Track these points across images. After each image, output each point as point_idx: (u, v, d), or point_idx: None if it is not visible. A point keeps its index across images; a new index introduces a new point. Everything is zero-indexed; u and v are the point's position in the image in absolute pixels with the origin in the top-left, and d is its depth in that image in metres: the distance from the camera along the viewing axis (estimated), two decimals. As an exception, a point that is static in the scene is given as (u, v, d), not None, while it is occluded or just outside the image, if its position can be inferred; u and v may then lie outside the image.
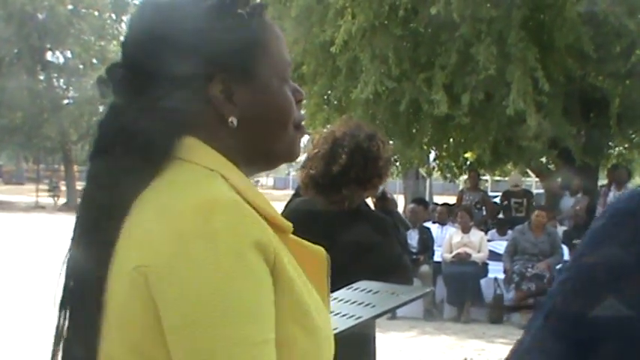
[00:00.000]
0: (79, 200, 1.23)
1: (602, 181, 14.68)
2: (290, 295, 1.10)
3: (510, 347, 1.42)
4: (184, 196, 1.10)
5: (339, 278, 1.53)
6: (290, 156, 1.26)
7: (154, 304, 1.06)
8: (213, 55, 1.17)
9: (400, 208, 18.33)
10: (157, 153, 1.15)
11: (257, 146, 1.21)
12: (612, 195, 12.32)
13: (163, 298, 1.05)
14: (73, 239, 1.19)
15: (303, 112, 1.32)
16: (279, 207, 3.49)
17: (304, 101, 10.81)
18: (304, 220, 3.17)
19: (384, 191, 3.51)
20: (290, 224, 1.18)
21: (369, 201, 3.47)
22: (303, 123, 1.27)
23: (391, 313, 9.43)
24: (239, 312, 1.03)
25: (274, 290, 1.08)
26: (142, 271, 1.07)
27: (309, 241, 1.24)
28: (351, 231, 3.13)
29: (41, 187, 36.53)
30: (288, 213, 3.33)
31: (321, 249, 1.23)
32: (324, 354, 1.15)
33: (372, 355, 3.19)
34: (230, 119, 1.18)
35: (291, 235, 1.20)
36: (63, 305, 1.17)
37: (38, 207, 33.62)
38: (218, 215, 1.06)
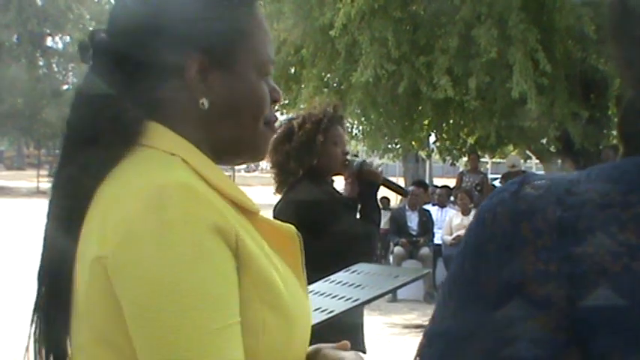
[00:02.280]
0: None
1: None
2: (257, 276, 1.09)
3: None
4: (137, 183, 1.08)
5: None
6: (256, 152, 1.25)
7: (114, 294, 1.05)
8: (192, 36, 1.17)
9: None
10: (120, 140, 1.13)
11: (224, 134, 1.20)
12: None
13: (121, 289, 1.04)
14: (48, 227, 1.20)
15: (281, 111, 1.32)
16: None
17: (303, 85, 10.72)
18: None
19: (362, 163, 3.38)
20: (257, 206, 1.17)
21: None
22: (274, 123, 1.26)
23: (391, 295, 9.46)
24: (196, 299, 1.02)
25: (239, 272, 1.07)
26: (101, 262, 1.06)
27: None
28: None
29: (42, 172, 36.48)
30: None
31: (292, 227, 1.22)
32: (296, 333, 1.14)
33: (361, 343, 3.18)
34: (201, 100, 1.17)
35: (261, 216, 1.19)
36: (39, 295, 1.18)
37: (39, 192, 33.59)
38: (170, 201, 1.04)
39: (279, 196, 3.37)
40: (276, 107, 1.29)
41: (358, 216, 3.31)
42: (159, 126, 1.16)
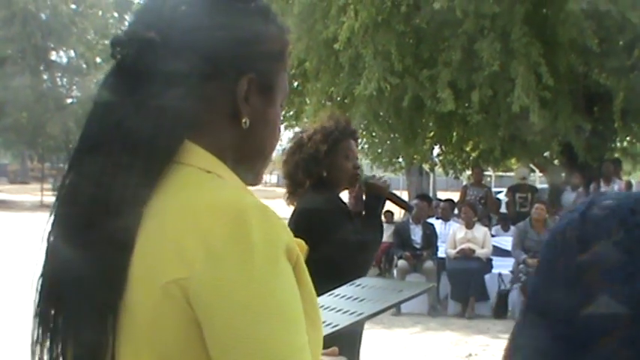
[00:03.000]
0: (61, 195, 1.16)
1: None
2: (306, 292, 1.11)
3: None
4: (207, 202, 1.07)
5: None
6: (257, 177, 1.28)
7: (192, 317, 1.04)
8: (249, 57, 1.19)
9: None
10: (161, 155, 1.12)
11: (245, 154, 1.22)
12: (602, 191, 12.34)
13: (207, 310, 1.03)
14: (55, 236, 1.15)
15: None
16: (284, 203, 3.52)
17: (307, 98, 10.81)
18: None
19: (367, 177, 3.40)
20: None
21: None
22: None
23: (395, 309, 9.44)
24: (282, 318, 1.04)
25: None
26: (180, 284, 1.04)
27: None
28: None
29: (46, 186, 36.53)
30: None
31: (302, 242, 1.22)
32: (321, 345, 1.17)
33: (357, 354, 3.17)
34: (244, 120, 1.19)
35: None
36: (54, 307, 1.13)
37: (43, 206, 33.63)
38: (250, 221, 1.05)
39: (285, 211, 3.39)
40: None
41: (361, 227, 3.30)
42: (189, 143, 1.15)
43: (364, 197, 3.37)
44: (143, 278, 1.07)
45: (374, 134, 14.87)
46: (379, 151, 15.61)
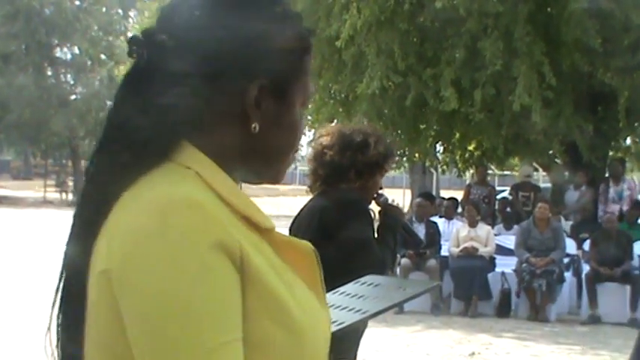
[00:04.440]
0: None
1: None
2: (263, 292, 1.08)
3: (517, 341, 1.44)
4: (145, 196, 1.09)
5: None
6: (276, 178, 1.28)
7: (118, 308, 1.06)
8: (260, 61, 1.18)
9: (407, 203, 18.33)
10: (153, 153, 1.14)
11: (257, 158, 1.22)
12: (612, 191, 12.36)
13: (124, 303, 1.05)
14: (69, 235, 1.19)
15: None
16: (286, 201, 3.52)
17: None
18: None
19: (386, 198, 3.53)
20: (272, 222, 1.17)
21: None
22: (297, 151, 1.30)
23: (398, 307, 9.45)
24: (196, 316, 1.02)
25: (244, 288, 1.06)
26: (106, 275, 1.06)
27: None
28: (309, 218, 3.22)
29: (49, 182, 36.61)
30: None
31: (308, 244, 1.22)
32: (307, 349, 1.12)
33: (356, 347, 3.21)
34: (254, 125, 1.18)
35: (278, 233, 1.19)
36: (60, 301, 1.19)
37: (46, 202, 33.70)
38: (174, 215, 1.05)
39: (284, 208, 3.41)
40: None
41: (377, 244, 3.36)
42: (185, 142, 1.16)
43: (381, 218, 3.47)
44: (91, 267, 1.12)
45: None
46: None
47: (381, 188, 3.46)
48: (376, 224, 3.44)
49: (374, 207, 3.46)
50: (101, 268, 1.07)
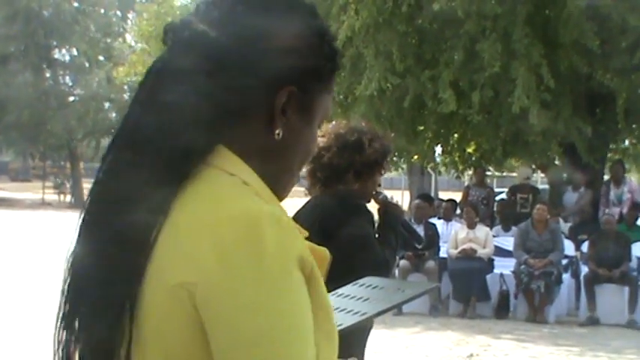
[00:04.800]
0: (86, 196, 1.20)
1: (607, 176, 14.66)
2: (320, 304, 1.10)
3: (516, 343, 1.43)
4: (224, 208, 1.08)
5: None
6: (282, 192, 1.25)
7: (197, 321, 1.05)
8: (293, 69, 1.18)
9: (405, 204, 18.32)
10: (190, 157, 1.12)
11: (273, 167, 1.21)
12: (612, 194, 12.37)
13: (212, 317, 1.04)
14: (79, 233, 1.16)
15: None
16: (291, 203, 3.53)
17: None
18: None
19: (387, 197, 3.51)
20: (304, 229, 1.17)
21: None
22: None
23: (397, 309, 9.45)
24: (290, 330, 1.03)
25: (311, 301, 1.08)
26: (187, 288, 1.05)
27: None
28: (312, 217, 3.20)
29: (47, 184, 36.59)
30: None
31: (326, 250, 1.22)
32: (335, 357, 1.15)
33: (363, 346, 3.21)
34: (277, 131, 1.18)
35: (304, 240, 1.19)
36: (74, 303, 1.15)
37: (44, 204, 33.67)
38: (263, 229, 1.05)
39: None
40: None
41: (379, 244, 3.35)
42: (221, 146, 1.16)
43: (381, 216, 3.46)
44: (155, 279, 1.09)
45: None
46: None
47: (379, 186, 3.44)
48: (376, 224, 3.43)
49: (373, 205, 3.45)
50: (179, 280, 1.06)
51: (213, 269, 1.04)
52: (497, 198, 14.16)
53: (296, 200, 3.42)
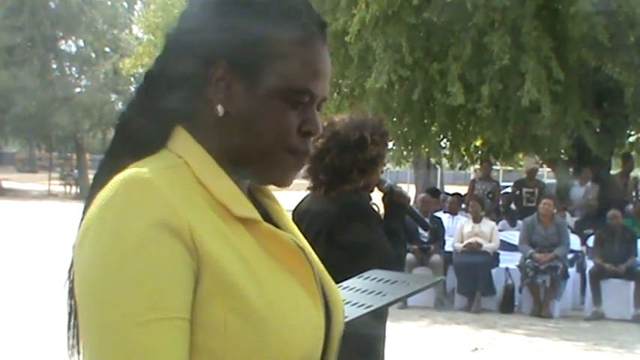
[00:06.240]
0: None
1: (614, 170, 14.63)
2: (219, 277, 1.08)
3: (521, 337, 1.42)
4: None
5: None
6: (271, 175, 1.22)
7: None
8: (219, 43, 1.17)
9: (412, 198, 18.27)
10: (144, 142, 1.18)
11: (235, 144, 1.18)
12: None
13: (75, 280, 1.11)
14: None
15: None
16: (290, 197, 3.49)
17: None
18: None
19: (392, 185, 3.42)
20: (253, 213, 1.16)
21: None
22: (304, 154, 1.22)
23: (402, 302, 9.45)
24: (127, 291, 1.03)
25: (199, 271, 1.07)
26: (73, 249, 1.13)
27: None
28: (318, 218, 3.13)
29: (54, 175, 36.66)
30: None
31: (289, 237, 1.19)
32: (273, 342, 1.10)
33: (382, 356, 3.17)
34: (217, 107, 1.16)
35: (265, 225, 1.17)
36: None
37: (51, 195, 33.76)
38: (122, 192, 1.07)
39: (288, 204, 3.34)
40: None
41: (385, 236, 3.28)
42: (181, 130, 1.19)
43: (386, 205, 3.36)
44: None
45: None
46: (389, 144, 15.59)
47: (382, 172, 3.33)
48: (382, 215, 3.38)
49: (377, 194, 3.38)
50: (73, 243, 1.12)
51: (80, 231, 1.11)
52: (503, 192, 14.14)
53: (298, 194, 3.39)
